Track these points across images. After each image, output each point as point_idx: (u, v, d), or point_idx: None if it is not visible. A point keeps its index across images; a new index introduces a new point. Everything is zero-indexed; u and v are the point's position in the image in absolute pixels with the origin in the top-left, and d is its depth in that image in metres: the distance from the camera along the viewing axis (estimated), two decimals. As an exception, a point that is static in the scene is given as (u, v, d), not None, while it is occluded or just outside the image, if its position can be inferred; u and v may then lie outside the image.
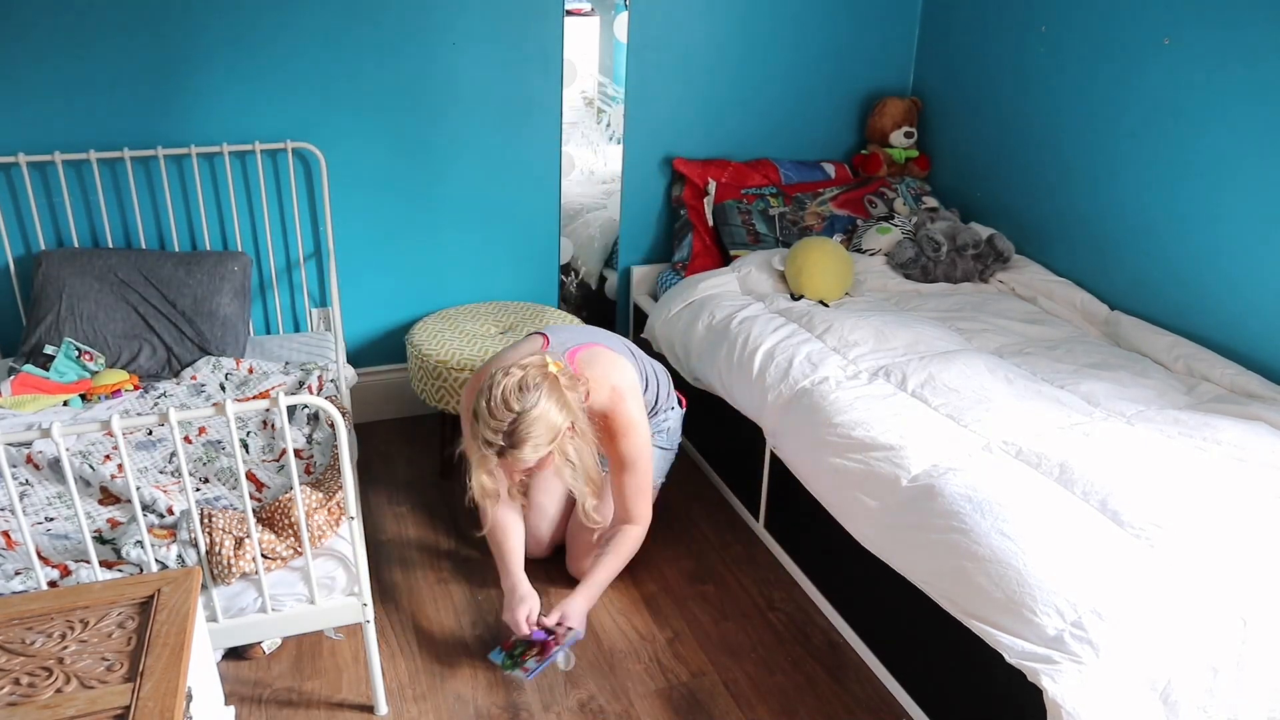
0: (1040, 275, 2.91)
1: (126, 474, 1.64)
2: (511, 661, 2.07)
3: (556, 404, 1.90)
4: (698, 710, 2.05)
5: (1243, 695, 1.59)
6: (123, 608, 1.35)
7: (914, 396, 2.23)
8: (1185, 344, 2.45)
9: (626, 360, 2.20)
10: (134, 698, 1.18)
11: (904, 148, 3.40)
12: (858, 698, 2.10)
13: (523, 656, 2.07)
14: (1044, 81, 2.92)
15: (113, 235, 2.70)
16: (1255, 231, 2.33)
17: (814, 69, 3.34)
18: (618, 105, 3.13)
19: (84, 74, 2.54)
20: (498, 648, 2.13)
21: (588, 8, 2.98)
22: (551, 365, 1.94)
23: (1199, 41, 2.42)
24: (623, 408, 2.09)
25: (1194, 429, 2.05)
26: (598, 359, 2.13)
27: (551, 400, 1.89)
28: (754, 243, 3.14)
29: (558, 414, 1.90)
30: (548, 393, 1.89)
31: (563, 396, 1.92)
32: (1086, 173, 2.80)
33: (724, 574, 2.51)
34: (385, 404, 3.22)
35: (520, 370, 1.89)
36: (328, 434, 2.21)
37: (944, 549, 1.79)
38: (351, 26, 2.73)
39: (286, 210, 2.87)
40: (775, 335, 2.54)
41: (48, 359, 2.42)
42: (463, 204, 3.06)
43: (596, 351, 2.15)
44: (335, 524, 1.89)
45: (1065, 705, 1.50)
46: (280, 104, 2.74)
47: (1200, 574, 1.65)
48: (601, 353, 2.15)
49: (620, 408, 2.09)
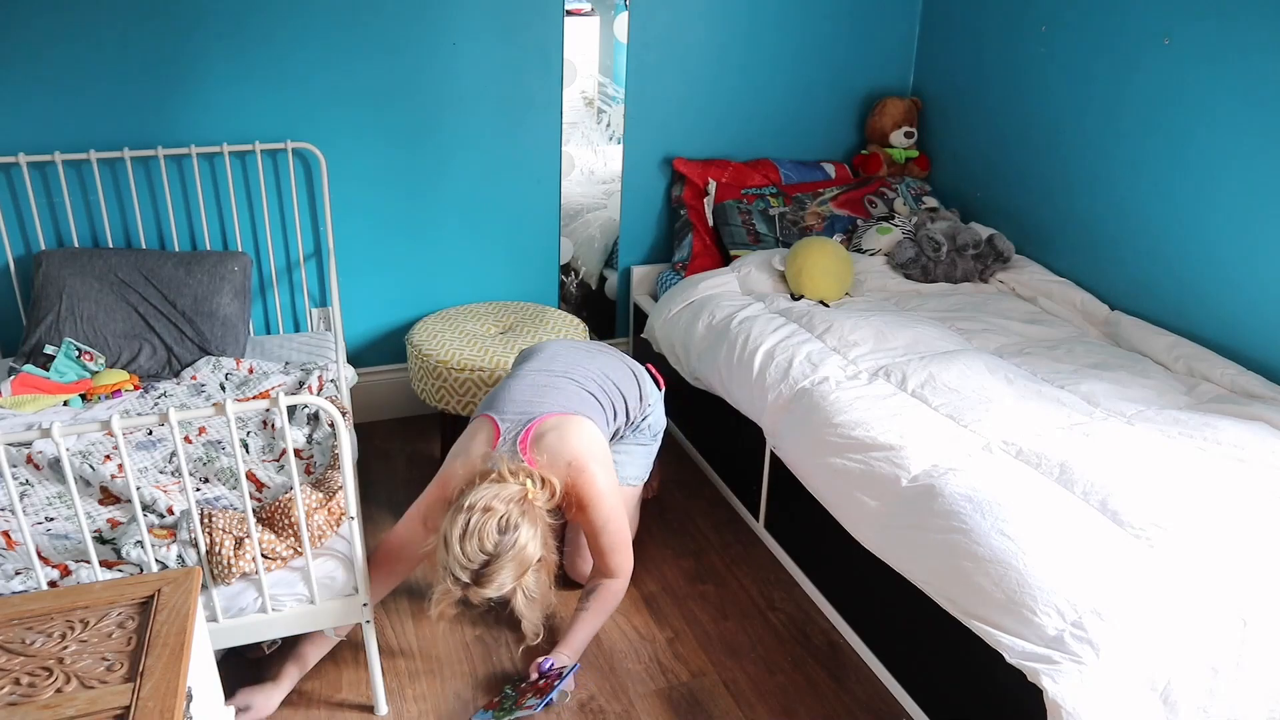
0: (1040, 275, 2.91)
1: (126, 474, 1.64)
2: (506, 712, 1.96)
3: (533, 541, 1.82)
4: (698, 710, 2.06)
5: (1243, 695, 1.59)
6: (123, 608, 1.35)
7: (914, 396, 2.23)
8: (1185, 344, 2.45)
9: (583, 416, 2.07)
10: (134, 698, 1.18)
11: (904, 148, 3.40)
12: (858, 698, 2.10)
13: (517, 704, 1.96)
14: (1044, 81, 2.92)
15: (113, 235, 2.70)
16: (1256, 231, 2.33)
17: (814, 69, 3.34)
18: (618, 105, 3.13)
19: (84, 74, 2.54)
20: (479, 710, 2.01)
21: (588, 8, 2.98)
22: (530, 490, 1.85)
23: (1199, 41, 2.42)
24: (584, 481, 1.97)
25: (1194, 429, 2.05)
26: (548, 433, 1.99)
27: (529, 538, 1.81)
28: (754, 243, 3.14)
29: (533, 551, 1.82)
30: (527, 528, 1.81)
31: (541, 532, 1.84)
32: (1086, 173, 2.80)
33: (724, 574, 2.51)
34: (385, 404, 3.22)
35: (502, 507, 1.79)
36: (328, 434, 2.21)
37: (944, 549, 1.79)
38: (352, 26, 2.73)
39: (286, 210, 2.87)
40: (775, 335, 2.54)
41: (48, 359, 2.42)
42: (463, 204, 3.06)
43: (548, 425, 2.01)
44: (335, 524, 1.89)
45: (1065, 705, 1.50)
46: (280, 104, 2.74)
47: (1200, 574, 1.65)
48: (553, 424, 2.01)
49: (581, 481, 1.97)
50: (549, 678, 2.01)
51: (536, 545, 1.83)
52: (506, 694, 2.04)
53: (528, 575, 1.84)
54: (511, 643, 2.23)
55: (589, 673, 2.14)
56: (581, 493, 1.98)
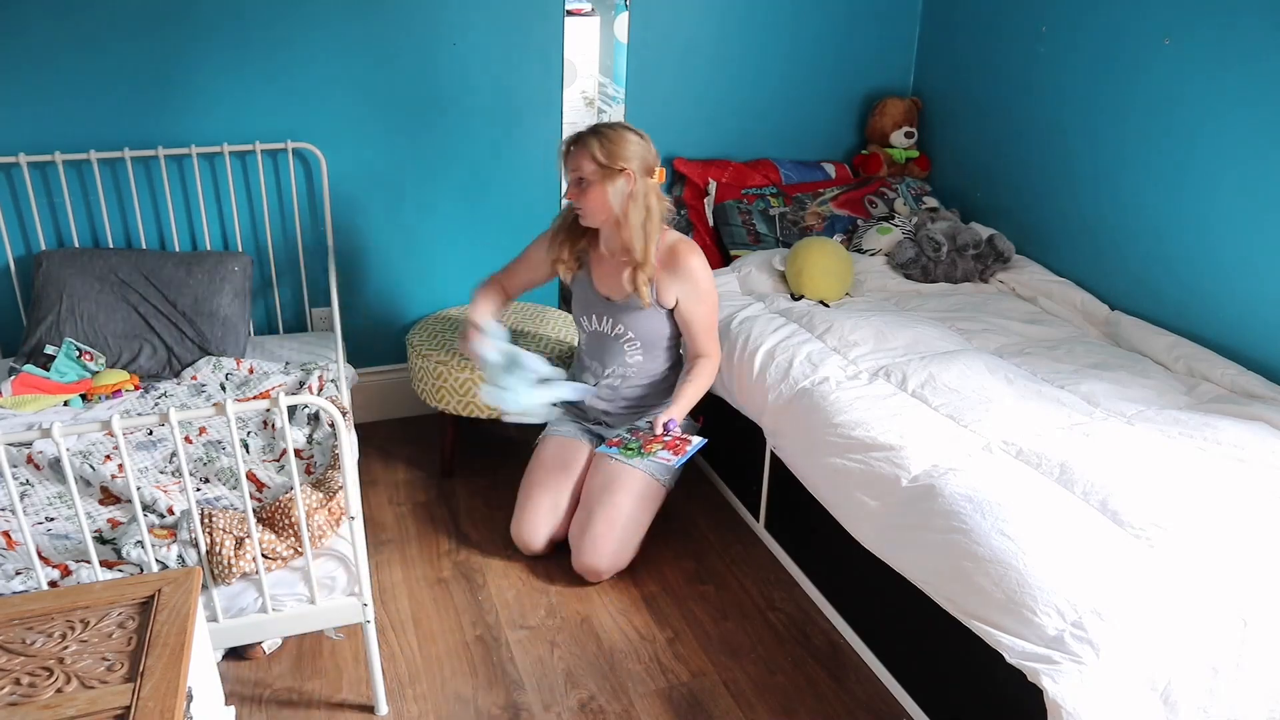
0: (1040, 275, 2.91)
1: (127, 474, 1.64)
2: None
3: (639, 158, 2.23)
4: (698, 710, 2.06)
5: (1243, 695, 1.59)
6: (123, 608, 1.35)
7: (914, 396, 2.23)
8: (1185, 344, 2.45)
9: None
10: (134, 698, 1.18)
11: (904, 148, 3.40)
12: (858, 698, 2.10)
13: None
14: (1044, 82, 2.92)
15: (113, 235, 2.70)
16: (1256, 231, 2.33)
17: (814, 69, 3.34)
18: (618, 105, 3.13)
19: (85, 74, 2.54)
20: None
21: (588, 8, 2.98)
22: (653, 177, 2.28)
23: (1199, 41, 2.42)
24: (687, 255, 2.33)
25: (1194, 429, 2.05)
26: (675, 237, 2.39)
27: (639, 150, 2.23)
28: (754, 243, 3.14)
29: (634, 151, 2.22)
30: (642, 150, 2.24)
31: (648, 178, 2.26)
32: (1087, 173, 2.80)
33: (724, 574, 2.51)
34: (385, 404, 3.22)
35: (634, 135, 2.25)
36: (328, 434, 2.22)
37: (944, 549, 1.79)
38: (352, 26, 2.73)
39: (287, 210, 2.87)
40: (775, 335, 2.54)
41: (48, 359, 2.42)
42: (463, 204, 3.06)
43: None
44: (335, 524, 1.89)
45: (1065, 705, 1.50)
46: (281, 104, 2.74)
47: (1200, 574, 1.65)
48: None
49: (685, 254, 2.33)
50: (677, 439, 2.28)
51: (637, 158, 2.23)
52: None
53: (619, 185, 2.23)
54: (512, 643, 2.23)
55: (589, 673, 2.14)
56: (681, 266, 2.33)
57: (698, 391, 2.39)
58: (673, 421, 2.31)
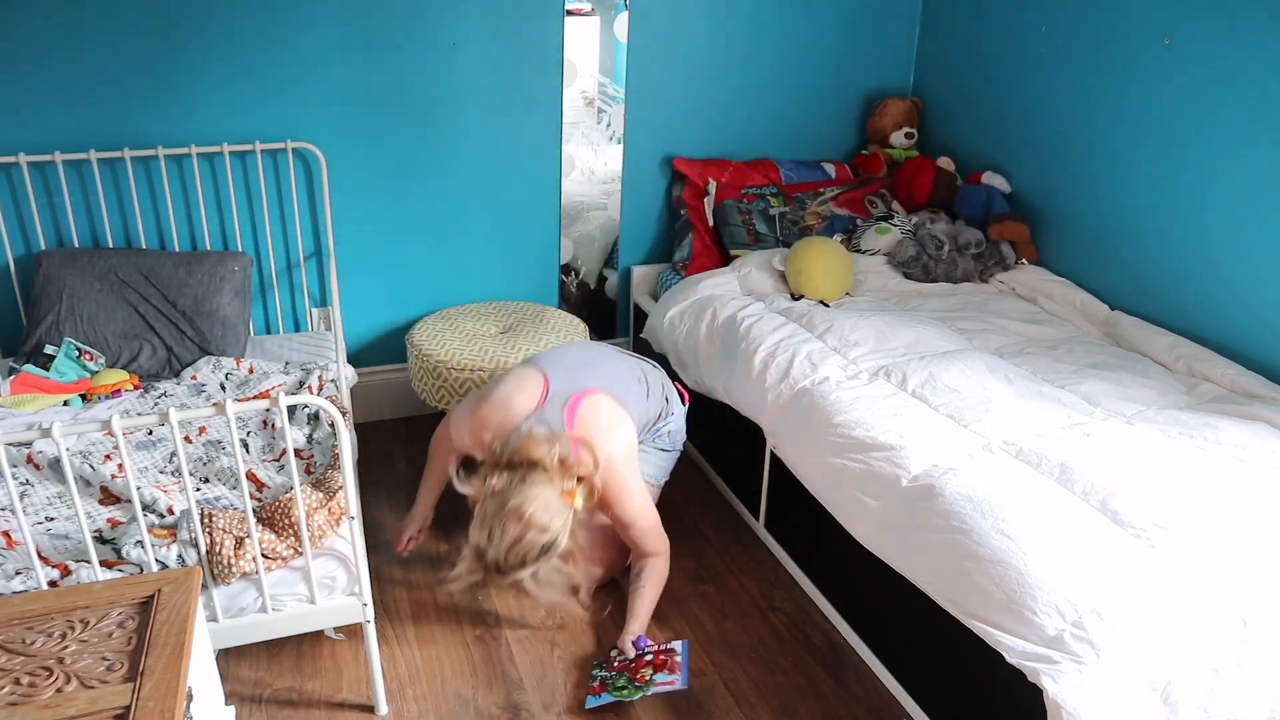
0: (1040, 275, 2.91)
1: (127, 474, 1.64)
2: (632, 689, 2.00)
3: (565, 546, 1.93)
4: (698, 710, 2.05)
5: (1243, 695, 1.59)
6: (123, 608, 1.35)
7: (914, 396, 2.23)
8: (1185, 344, 2.45)
9: (623, 409, 2.16)
10: (134, 698, 1.18)
11: (904, 148, 3.40)
12: (858, 698, 2.10)
13: (636, 681, 2.01)
14: (1044, 82, 2.91)
15: (113, 235, 2.70)
16: (1256, 231, 2.33)
17: (814, 69, 3.34)
18: (618, 105, 3.13)
19: (84, 74, 2.54)
20: (588, 695, 2.04)
21: (588, 8, 2.98)
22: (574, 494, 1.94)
23: (1199, 41, 2.42)
24: (614, 477, 2.08)
25: (1194, 429, 2.05)
26: (597, 416, 2.09)
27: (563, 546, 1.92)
28: (754, 243, 3.14)
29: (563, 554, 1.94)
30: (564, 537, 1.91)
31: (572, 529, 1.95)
32: (1087, 173, 2.80)
33: (724, 574, 2.51)
34: (385, 404, 3.22)
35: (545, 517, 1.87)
36: (328, 434, 2.21)
37: (944, 549, 1.79)
38: (352, 27, 2.73)
39: (287, 210, 2.87)
40: (775, 335, 2.54)
41: (48, 359, 2.42)
42: (463, 203, 3.06)
43: (597, 402, 2.11)
44: (335, 524, 1.89)
45: (1065, 705, 1.50)
46: (281, 104, 2.74)
47: (1200, 574, 1.65)
48: (601, 405, 2.11)
49: (612, 478, 2.07)
50: (658, 653, 2.07)
51: (566, 546, 1.94)
52: (606, 676, 2.07)
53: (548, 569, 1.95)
54: (512, 643, 2.23)
55: (589, 672, 2.14)
56: (611, 490, 2.08)
57: (652, 599, 2.22)
58: (643, 639, 2.13)
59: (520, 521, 1.86)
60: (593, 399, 2.11)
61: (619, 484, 2.09)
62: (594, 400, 2.11)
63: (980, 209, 3.05)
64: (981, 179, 3.11)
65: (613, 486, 2.08)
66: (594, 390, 2.13)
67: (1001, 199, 3.04)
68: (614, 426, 2.12)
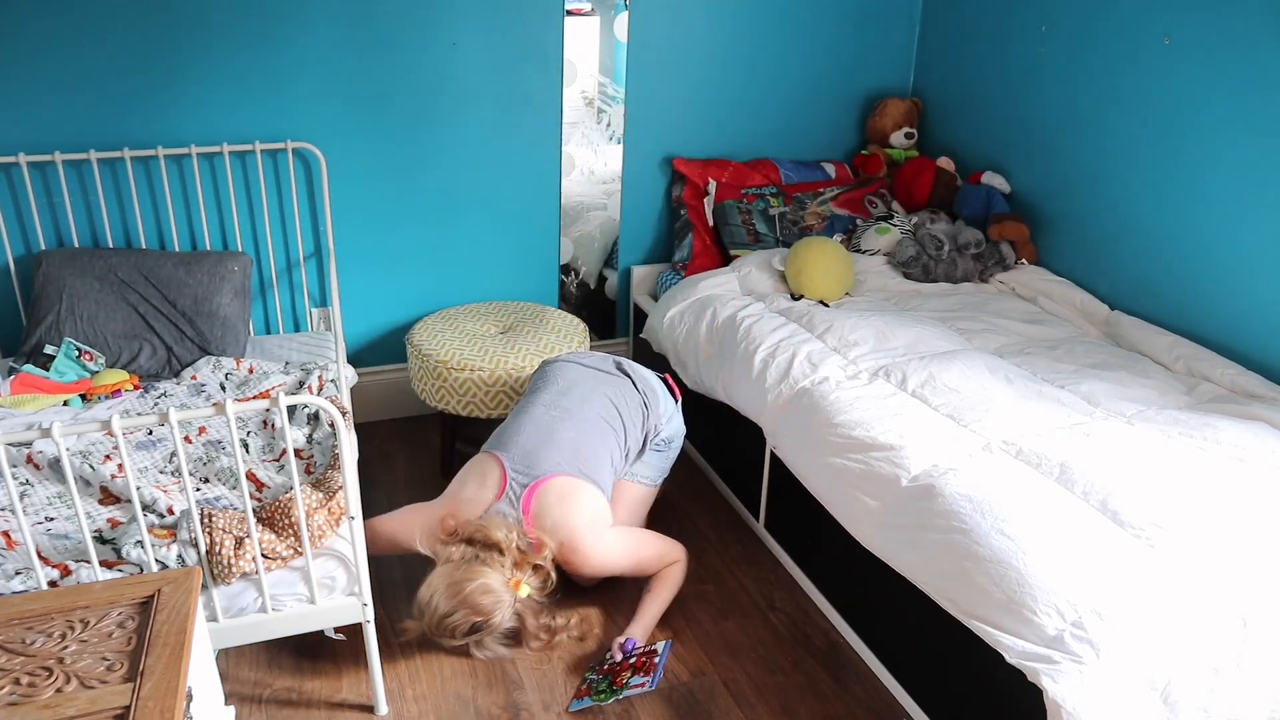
0: (1040, 275, 2.91)
1: (126, 474, 1.64)
2: (608, 693, 2.02)
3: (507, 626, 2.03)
4: (698, 710, 2.05)
5: (1243, 695, 1.59)
6: (123, 608, 1.35)
7: (914, 396, 2.23)
8: (1185, 344, 2.45)
9: (585, 480, 2.16)
10: (134, 698, 1.18)
11: (904, 148, 3.40)
12: (858, 698, 2.10)
13: (614, 685, 2.03)
14: (1044, 82, 2.92)
15: (113, 235, 2.70)
16: (1257, 231, 2.33)
17: (814, 69, 3.34)
18: (618, 105, 3.13)
19: (84, 74, 2.54)
20: (573, 699, 2.06)
21: (588, 8, 2.98)
22: (521, 584, 2.02)
23: (1199, 41, 2.42)
24: (582, 551, 2.11)
25: (1194, 429, 2.05)
26: (551, 502, 2.10)
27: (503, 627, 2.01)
28: (754, 243, 3.14)
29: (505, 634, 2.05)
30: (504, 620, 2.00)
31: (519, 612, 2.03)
32: (1087, 173, 2.80)
33: (724, 574, 2.51)
34: (385, 404, 3.22)
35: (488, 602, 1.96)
36: (328, 434, 2.21)
37: (944, 549, 1.79)
38: (352, 26, 2.73)
39: (286, 210, 2.87)
40: (775, 335, 2.54)
41: (48, 359, 2.42)
42: (463, 204, 3.06)
43: (550, 488, 2.11)
44: (335, 524, 1.89)
45: (1065, 705, 1.50)
46: (280, 104, 2.74)
47: (1200, 574, 1.65)
48: (554, 490, 2.11)
49: (580, 552, 2.11)
50: (641, 656, 2.08)
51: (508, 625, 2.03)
52: (593, 679, 2.09)
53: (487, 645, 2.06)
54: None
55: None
56: (579, 562, 2.14)
57: (662, 605, 2.26)
58: (630, 641, 2.14)
59: (455, 598, 1.95)
60: (547, 485, 2.11)
61: (589, 556, 2.12)
62: (548, 487, 2.11)
63: (980, 209, 3.06)
64: (981, 179, 3.11)
65: (587, 559, 2.13)
66: (549, 476, 2.12)
67: (1001, 199, 3.05)
68: (571, 504, 2.12)
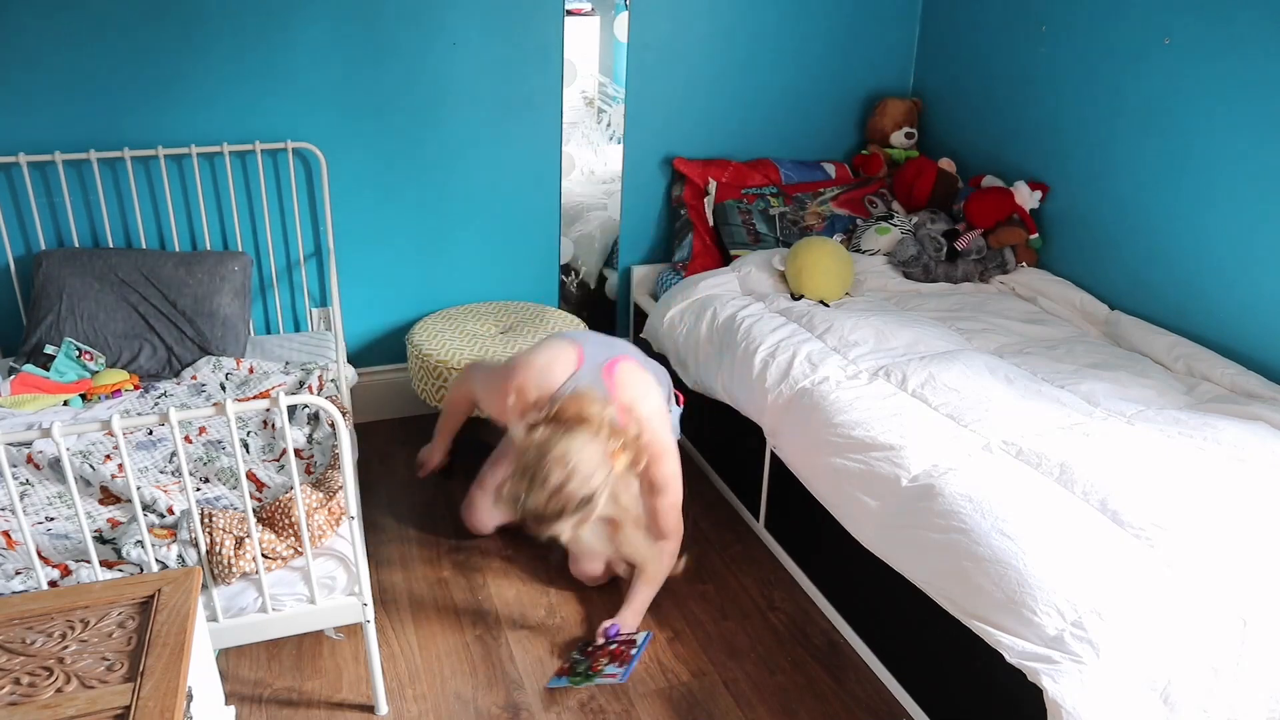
0: (1040, 275, 2.91)
1: (127, 474, 1.64)
2: (583, 677, 2.04)
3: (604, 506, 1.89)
4: (698, 710, 2.06)
5: (1243, 695, 1.59)
6: (123, 607, 1.35)
7: (914, 396, 2.23)
8: (1185, 344, 2.45)
9: (651, 375, 2.21)
10: (134, 698, 1.18)
11: (904, 148, 3.40)
12: (858, 698, 2.10)
13: (592, 670, 2.05)
14: (1044, 82, 2.91)
15: (113, 235, 2.70)
16: (1256, 231, 2.33)
17: (814, 69, 3.34)
18: (618, 105, 3.13)
19: (84, 74, 2.54)
20: (554, 675, 2.09)
21: (588, 7, 2.98)
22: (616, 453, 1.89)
23: (1199, 41, 2.42)
24: (653, 437, 2.07)
25: (1194, 429, 2.05)
26: (634, 380, 2.12)
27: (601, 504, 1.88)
28: (754, 242, 3.14)
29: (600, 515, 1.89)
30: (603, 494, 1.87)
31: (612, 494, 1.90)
32: (1087, 173, 2.80)
33: (724, 574, 2.51)
34: (385, 404, 3.22)
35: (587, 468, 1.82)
36: (328, 434, 2.22)
37: (944, 549, 1.79)
38: (352, 26, 2.73)
39: (287, 210, 2.87)
40: (775, 335, 2.54)
41: (48, 359, 2.42)
42: (463, 204, 3.06)
43: (628, 369, 2.13)
44: (335, 524, 1.89)
45: (1065, 705, 1.50)
46: (280, 104, 2.74)
47: (1200, 574, 1.65)
48: (632, 372, 2.14)
49: (653, 438, 2.07)
50: (621, 644, 2.08)
51: (604, 508, 1.89)
52: (576, 659, 2.10)
53: (585, 529, 1.90)
54: (512, 643, 2.23)
55: (589, 672, 2.15)
56: (651, 449, 2.05)
57: (652, 591, 2.25)
58: (614, 627, 2.15)
59: (564, 469, 1.81)
60: (627, 363, 2.15)
61: (659, 444, 2.10)
62: (629, 365, 2.14)
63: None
64: (982, 183, 3.11)
65: (654, 446, 2.08)
66: (626, 357, 2.17)
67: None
68: (650, 389, 2.15)
